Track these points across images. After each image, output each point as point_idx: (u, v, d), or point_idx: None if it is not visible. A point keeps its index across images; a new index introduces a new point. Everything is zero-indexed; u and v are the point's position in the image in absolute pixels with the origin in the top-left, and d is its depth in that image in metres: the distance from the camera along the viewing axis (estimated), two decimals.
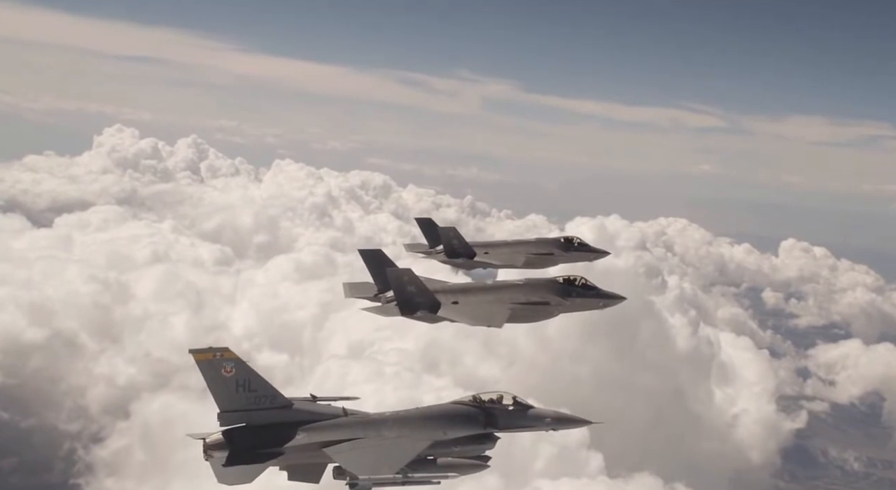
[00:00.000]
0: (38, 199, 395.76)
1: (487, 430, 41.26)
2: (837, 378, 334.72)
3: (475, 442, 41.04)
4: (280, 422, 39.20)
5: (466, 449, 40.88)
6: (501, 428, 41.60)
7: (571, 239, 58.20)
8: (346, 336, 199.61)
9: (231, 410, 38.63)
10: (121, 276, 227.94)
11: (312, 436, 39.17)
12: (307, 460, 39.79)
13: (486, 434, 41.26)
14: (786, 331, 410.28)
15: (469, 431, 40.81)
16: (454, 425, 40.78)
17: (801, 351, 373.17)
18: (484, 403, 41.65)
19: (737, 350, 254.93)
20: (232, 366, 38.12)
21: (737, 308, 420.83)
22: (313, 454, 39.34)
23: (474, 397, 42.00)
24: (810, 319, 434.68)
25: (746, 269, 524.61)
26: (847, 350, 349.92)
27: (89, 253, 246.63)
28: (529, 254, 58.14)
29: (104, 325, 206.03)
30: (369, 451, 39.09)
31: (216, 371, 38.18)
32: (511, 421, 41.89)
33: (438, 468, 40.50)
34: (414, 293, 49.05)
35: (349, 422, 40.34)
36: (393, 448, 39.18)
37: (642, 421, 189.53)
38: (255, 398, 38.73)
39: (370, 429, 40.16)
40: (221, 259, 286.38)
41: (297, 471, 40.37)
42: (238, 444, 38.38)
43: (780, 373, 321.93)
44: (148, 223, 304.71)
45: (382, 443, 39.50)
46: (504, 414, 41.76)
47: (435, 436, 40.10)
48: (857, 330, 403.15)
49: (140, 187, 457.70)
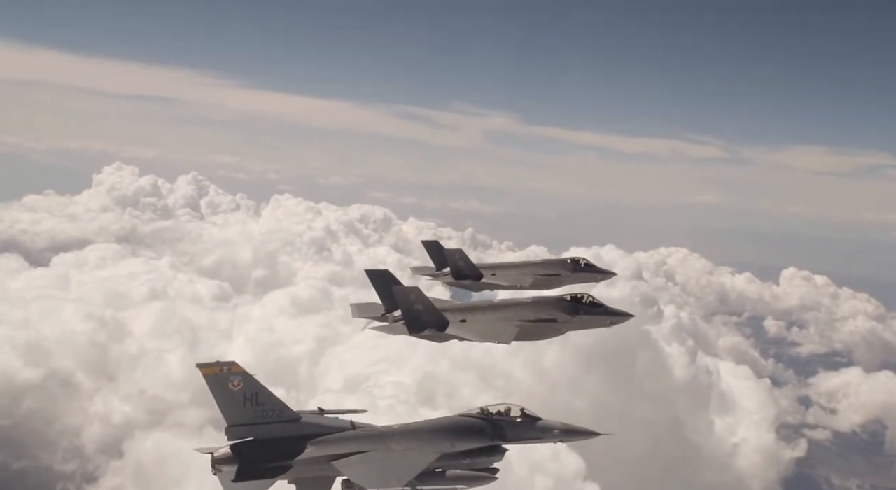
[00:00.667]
0: (37, 238, 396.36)
1: (495, 442, 41.26)
2: (839, 406, 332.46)
3: (483, 454, 40.98)
4: (288, 435, 39.29)
5: (475, 461, 40.84)
6: (509, 440, 41.64)
7: (578, 260, 58.42)
8: (343, 370, 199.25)
9: (239, 424, 38.82)
10: (118, 313, 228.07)
11: (321, 449, 39.25)
12: (315, 474, 39.85)
13: (494, 446, 41.21)
14: (787, 359, 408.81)
15: (477, 444, 40.79)
16: (462, 438, 40.83)
17: (803, 379, 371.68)
18: (492, 415, 41.68)
19: (736, 379, 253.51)
20: (239, 380, 38.45)
21: (738, 337, 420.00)
22: (321, 467, 39.43)
23: (482, 409, 42.15)
24: (812, 348, 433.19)
25: (748, 298, 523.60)
26: (848, 378, 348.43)
27: (86, 291, 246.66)
28: (536, 275, 58.26)
29: (100, 364, 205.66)
30: (378, 463, 39.07)
31: (223, 385, 38.45)
32: (519, 433, 41.84)
33: (447, 480, 40.58)
34: (421, 311, 49.17)
35: (357, 435, 40.45)
36: (401, 461, 39.21)
37: (640, 451, 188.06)
38: (262, 412, 38.94)
39: (378, 442, 40.19)
40: (219, 295, 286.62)
41: (305, 484, 40.37)
42: (246, 459, 38.54)
43: (781, 401, 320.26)
44: (145, 260, 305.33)
45: (391, 456, 39.54)
46: (512, 426, 41.76)
47: (443, 448, 40.13)
48: (859, 358, 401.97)
49: (140, 225, 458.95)
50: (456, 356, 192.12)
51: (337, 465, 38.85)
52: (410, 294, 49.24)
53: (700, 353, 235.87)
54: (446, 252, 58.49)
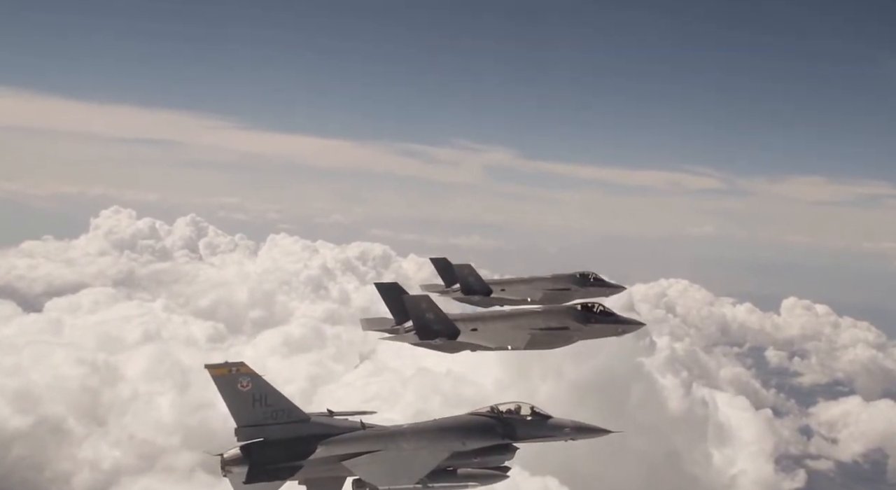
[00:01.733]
0: (34, 284, 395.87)
1: (506, 440, 41.64)
2: (839, 436, 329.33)
3: (494, 452, 41.21)
4: (298, 436, 39.48)
5: (485, 460, 40.99)
6: (520, 438, 42.17)
7: (587, 274, 59.10)
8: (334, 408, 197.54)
9: (248, 425, 39.09)
10: (110, 357, 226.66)
11: (331, 449, 39.32)
12: (326, 474, 39.89)
13: (504, 444, 41.57)
14: (789, 389, 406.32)
15: (487, 442, 41.04)
16: (472, 436, 41.09)
17: (804, 409, 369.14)
18: (502, 414, 42.24)
19: (734, 410, 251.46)
20: (248, 380, 38.85)
21: (739, 368, 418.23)
22: (332, 467, 39.50)
23: (492, 408, 42.74)
24: (814, 377, 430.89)
25: (749, 328, 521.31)
26: (848, 407, 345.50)
27: (79, 336, 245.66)
28: (546, 290, 58.76)
29: (91, 409, 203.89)
30: (388, 462, 39.14)
31: (232, 386, 38.79)
32: (529, 431, 42.40)
33: (458, 478, 40.60)
34: (432, 320, 49.80)
35: (367, 435, 40.76)
36: (412, 459, 39.32)
37: (637, 484, 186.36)
38: (272, 412, 39.27)
39: (389, 441, 40.34)
40: (214, 336, 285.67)
41: (315, 484, 40.41)
42: (256, 459, 38.72)
43: (783, 432, 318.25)
44: (139, 303, 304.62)
45: (401, 454, 39.64)
46: (522, 424, 42.39)
47: (454, 447, 40.27)
48: (860, 387, 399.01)
49: (137, 267, 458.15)
50: (448, 393, 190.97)
51: (347, 464, 38.87)
52: (421, 302, 49.94)
53: (695, 385, 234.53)
54: (455, 267, 58.80)
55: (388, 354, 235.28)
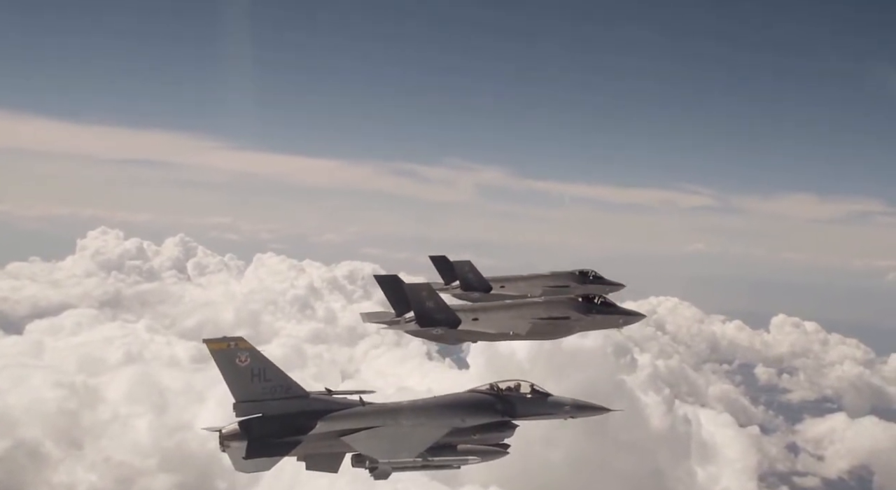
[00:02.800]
0: (17, 306, 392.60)
1: (505, 418, 42.02)
2: (826, 453, 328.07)
3: (493, 430, 41.64)
4: (296, 411, 39.63)
5: (485, 437, 41.37)
6: (520, 415, 42.57)
7: (586, 272, 59.49)
8: None
9: (247, 400, 39.47)
10: (90, 379, 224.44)
11: (330, 425, 39.37)
12: (325, 450, 40.13)
13: (504, 422, 41.98)
14: (778, 406, 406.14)
15: (487, 419, 41.38)
16: (472, 413, 41.36)
17: (792, 426, 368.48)
18: (501, 391, 42.59)
19: (718, 427, 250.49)
20: (247, 355, 39.07)
21: (728, 385, 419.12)
22: (331, 443, 39.65)
23: (491, 385, 43.04)
24: (802, 394, 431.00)
25: (738, 345, 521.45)
26: (834, 424, 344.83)
27: (60, 358, 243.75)
28: (545, 287, 59.00)
29: (69, 432, 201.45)
30: (388, 437, 39.17)
31: (231, 361, 39.13)
32: (529, 408, 42.76)
33: (458, 453, 40.79)
34: (433, 309, 50.35)
35: (366, 411, 40.79)
36: (411, 435, 39.42)
37: None
38: (270, 388, 39.43)
39: (388, 417, 40.44)
40: (198, 357, 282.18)
41: (314, 460, 40.67)
42: (255, 435, 38.82)
43: (771, 449, 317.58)
44: (122, 324, 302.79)
45: (401, 430, 39.72)
46: (522, 401, 42.74)
47: (453, 423, 40.48)
48: (848, 403, 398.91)
49: (124, 288, 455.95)
50: None
51: (347, 439, 38.99)
52: (422, 290, 50.53)
53: (678, 402, 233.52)
54: (455, 264, 59.22)
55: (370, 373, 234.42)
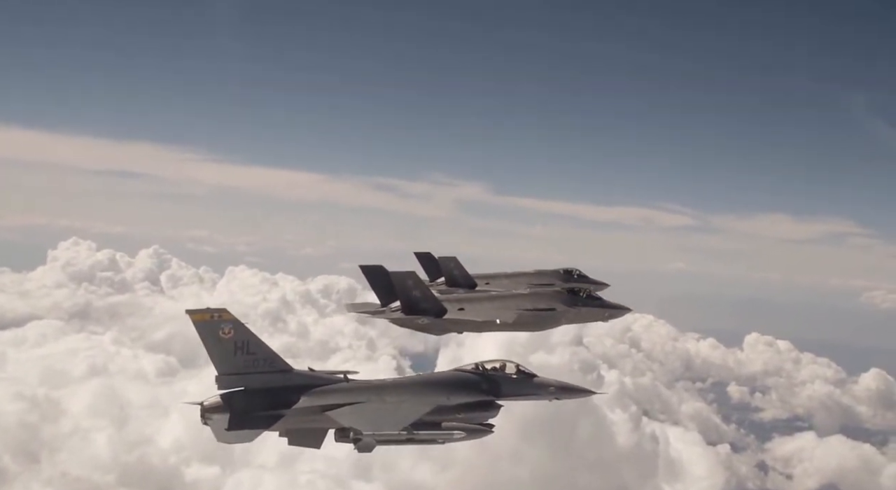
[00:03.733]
0: None
1: (490, 397, 41.86)
2: (794, 472, 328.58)
3: (478, 409, 41.41)
4: (280, 386, 39.22)
5: (469, 416, 41.12)
6: (504, 395, 42.30)
7: (571, 271, 59.84)
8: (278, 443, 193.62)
9: (229, 373, 39.02)
10: (52, 392, 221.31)
11: (313, 400, 39.02)
12: (307, 425, 39.95)
13: (489, 401, 41.75)
14: (750, 425, 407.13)
15: (472, 398, 41.26)
16: (457, 391, 41.17)
17: (762, 445, 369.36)
18: (486, 371, 42.61)
19: (686, 445, 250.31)
20: (230, 327, 38.47)
21: (700, 403, 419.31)
22: (314, 418, 39.32)
23: (476, 365, 42.95)
24: (774, 413, 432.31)
25: (712, 363, 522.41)
26: (802, 443, 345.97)
27: (22, 370, 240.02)
28: (531, 284, 58.91)
29: (28, 446, 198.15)
30: (372, 412, 38.99)
31: (214, 332, 38.33)
32: (514, 389, 42.71)
33: (443, 428, 40.45)
34: (419, 298, 50.37)
35: (350, 387, 40.58)
36: (396, 410, 39.30)
37: None
38: (253, 361, 38.96)
39: (372, 393, 40.42)
40: (165, 370, 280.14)
41: (296, 436, 40.79)
42: (237, 408, 38.54)
43: (741, 468, 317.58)
44: (87, 336, 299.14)
45: (385, 406, 39.58)
46: (507, 381, 42.60)
47: (438, 401, 40.32)
48: (818, 422, 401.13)
49: (95, 300, 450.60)
50: None
51: (331, 414, 38.63)
52: (408, 279, 50.45)
53: (645, 419, 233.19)
54: (440, 260, 58.96)
55: None
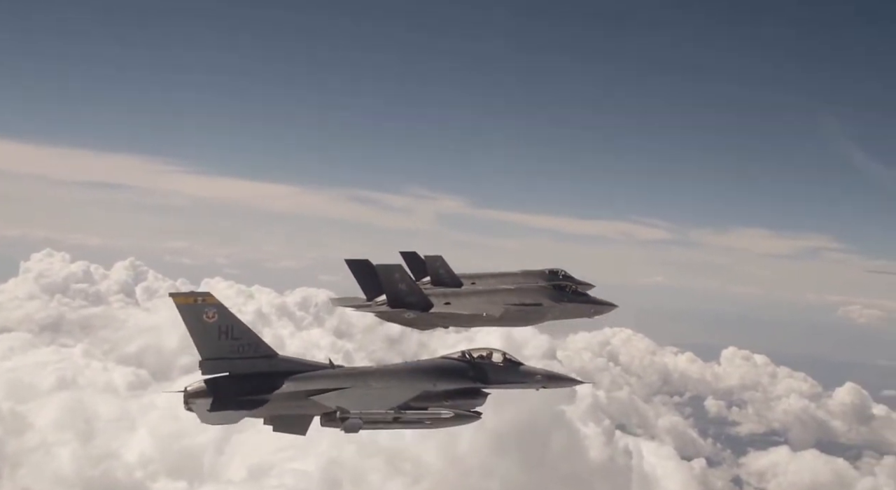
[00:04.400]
0: None
1: (477, 384, 41.72)
2: (768, 486, 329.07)
3: (465, 396, 41.44)
4: (264, 371, 38.80)
5: (456, 403, 41.04)
6: (491, 383, 42.31)
7: (556, 271, 59.55)
8: (246, 459, 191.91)
9: (213, 358, 38.32)
10: (18, 406, 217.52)
11: (299, 384, 38.74)
12: (292, 411, 39.65)
13: (475, 389, 41.63)
14: (726, 439, 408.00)
15: (459, 384, 41.23)
16: (444, 378, 41.14)
17: (738, 459, 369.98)
18: (473, 358, 42.55)
19: (660, 459, 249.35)
20: (214, 312, 38.05)
21: (677, 417, 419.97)
22: (299, 404, 39.03)
23: (463, 353, 42.77)
24: (751, 427, 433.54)
25: (690, 377, 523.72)
26: (777, 458, 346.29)
27: None
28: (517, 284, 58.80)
29: None
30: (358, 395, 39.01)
31: (197, 316, 37.92)
32: (500, 376, 42.63)
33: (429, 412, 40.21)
34: (405, 291, 50.17)
35: (336, 373, 40.32)
36: (382, 394, 39.34)
37: None
38: (238, 346, 38.62)
39: (358, 379, 40.24)
40: (136, 383, 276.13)
41: (281, 422, 40.40)
42: (221, 393, 37.93)
43: (716, 482, 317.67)
44: (57, 349, 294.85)
45: (371, 391, 39.55)
46: (493, 369, 42.58)
47: (424, 387, 40.39)
48: (793, 437, 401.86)
49: (68, 312, 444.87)
50: (363, 441, 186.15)
51: (317, 398, 38.58)
52: (394, 272, 50.26)
53: (619, 433, 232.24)
54: (426, 258, 58.46)
55: None
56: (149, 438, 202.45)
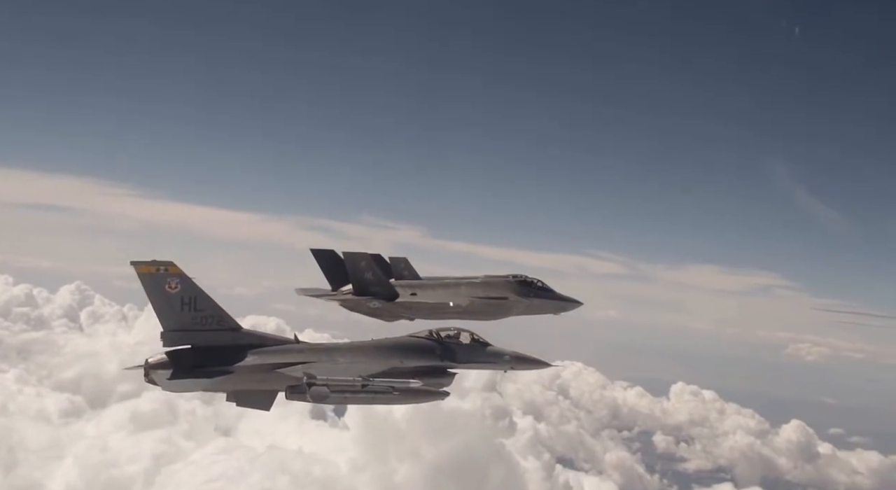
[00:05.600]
0: None
1: (445, 362, 41.99)
2: None
3: (432, 374, 41.18)
4: (228, 344, 37.90)
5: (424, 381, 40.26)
6: (459, 362, 42.36)
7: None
8: None
9: (175, 329, 37.50)
10: None
11: (264, 357, 37.89)
12: (257, 385, 38.52)
13: (443, 368, 41.78)
14: (674, 475, 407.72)
15: (426, 362, 41.24)
16: (411, 355, 41.22)
17: None
18: (441, 337, 42.66)
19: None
20: (177, 282, 37.25)
21: (624, 452, 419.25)
22: (264, 377, 38.03)
23: (430, 332, 43.05)
24: (699, 463, 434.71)
25: (639, 412, 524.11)
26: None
27: None
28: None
29: None
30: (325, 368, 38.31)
31: (159, 286, 36.98)
32: (468, 356, 42.74)
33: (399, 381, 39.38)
34: (371, 280, 49.79)
35: (302, 347, 40.15)
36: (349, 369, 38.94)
37: None
38: (201, 318, 37.65)
39: (324, 354, 39.95)
40: (70, 410, 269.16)
41: (245, 397, 39.16)
42: (183, 364, 37.29)
43: None
44: None
45: (338, 366, 39.13)
46: (461, 348, 42.72)
47: (392, 363, 40.44)
48: (739, 474, 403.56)
49: (7, 337, 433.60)
50: (297, 472, 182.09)
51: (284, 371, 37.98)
52: (361, 260, 49.90)
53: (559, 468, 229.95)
54: (391, 260, 57.61)
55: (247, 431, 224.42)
56: (75, 468, 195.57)
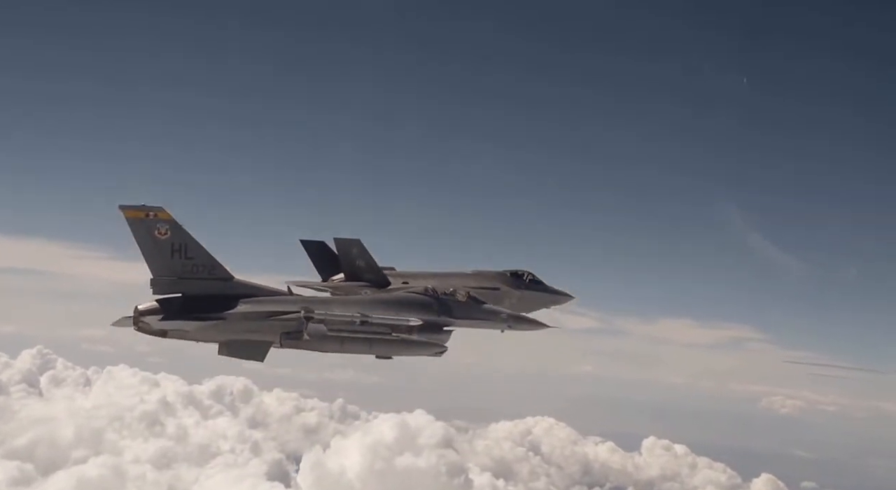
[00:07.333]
0: None
1: (442, 318, 42.41)
2: None
3: (429, 330, 41.77)
4: (220, 293, 37.46)
5: (421, 336, 41.40)
6: (456, 317, 42.90)
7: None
8: None
9: (165, 277, 36.66)
10: None
11: (258, 306, 37.59)
12: (249, 335, 38.48)
13: (439, 324, 42.18)
14: None
15: (423, 317, 41.41)
16: (407, 309, 41.34)
17: None
18: (437, 293, 43.23)
19: None
20: (167, 228, 36.64)
21: None
22: (257, 325, 38.03)
23: (426, 288, 43.74)
24: None
25: (611, 468, 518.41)
26: None
27: None
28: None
29: None
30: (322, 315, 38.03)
31: (149, 232, 36.44)
32: (465, 312, 43.20)
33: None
34: (363, 267, 49.80)
35: (295, 299, 40.11)
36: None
37: None
38: (192, 266, 37.15)
39: (319, 304, 39.82)
40: (19, 479, 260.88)
41: (238, 347, 38.70)
42: (174, 310, 37.13)
43: None
44: None
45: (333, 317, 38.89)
46: (458, 305, 43.20)
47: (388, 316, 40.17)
48: None
49: None
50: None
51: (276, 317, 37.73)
52: (353, 247, 49.76)
53: None
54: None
55: None
56: None
